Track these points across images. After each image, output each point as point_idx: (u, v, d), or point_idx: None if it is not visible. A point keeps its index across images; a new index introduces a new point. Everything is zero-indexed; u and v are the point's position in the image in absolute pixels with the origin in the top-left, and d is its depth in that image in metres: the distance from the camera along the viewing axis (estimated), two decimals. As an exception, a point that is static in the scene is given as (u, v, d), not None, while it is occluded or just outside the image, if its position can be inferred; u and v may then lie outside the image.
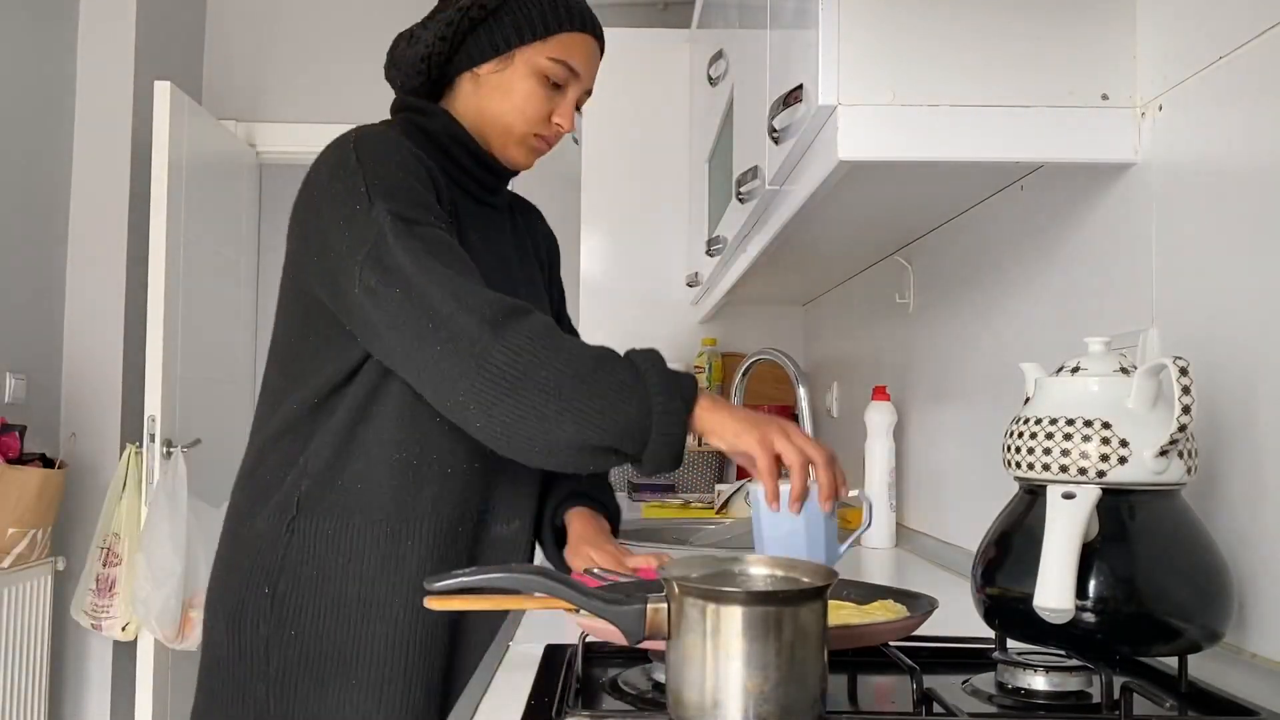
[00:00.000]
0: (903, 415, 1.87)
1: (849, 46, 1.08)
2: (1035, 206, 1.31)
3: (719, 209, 2.12)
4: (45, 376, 3.18)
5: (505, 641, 1.04)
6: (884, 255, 2.00)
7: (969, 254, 1.56)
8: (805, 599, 0.68)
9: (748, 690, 0.66)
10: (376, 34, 3.89)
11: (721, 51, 2.13)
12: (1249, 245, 0.89)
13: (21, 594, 2.79)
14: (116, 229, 3.30)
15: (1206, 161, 0.96)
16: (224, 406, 3.55)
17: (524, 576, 0.79)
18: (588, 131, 3.02)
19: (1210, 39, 0.95)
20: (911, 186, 1.40)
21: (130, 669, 3.20)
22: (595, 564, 1.26)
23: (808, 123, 1.16)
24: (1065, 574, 0.75)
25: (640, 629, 0.74)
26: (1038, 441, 0.82)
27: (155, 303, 3.05)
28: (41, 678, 2.89)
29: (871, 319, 2.17)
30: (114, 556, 3.00)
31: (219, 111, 3.82)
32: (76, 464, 3.18)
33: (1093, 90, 1.08)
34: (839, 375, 2.52)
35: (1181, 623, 0.78)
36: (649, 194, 3.00)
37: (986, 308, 1.49)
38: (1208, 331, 0.95)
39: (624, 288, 3.00)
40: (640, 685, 0.83)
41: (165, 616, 2.90)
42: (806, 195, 1.30)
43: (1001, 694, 0.82)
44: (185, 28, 3.72)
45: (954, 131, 1.08)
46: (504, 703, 0.83)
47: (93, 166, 3.30)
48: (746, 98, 1.75)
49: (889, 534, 1.79)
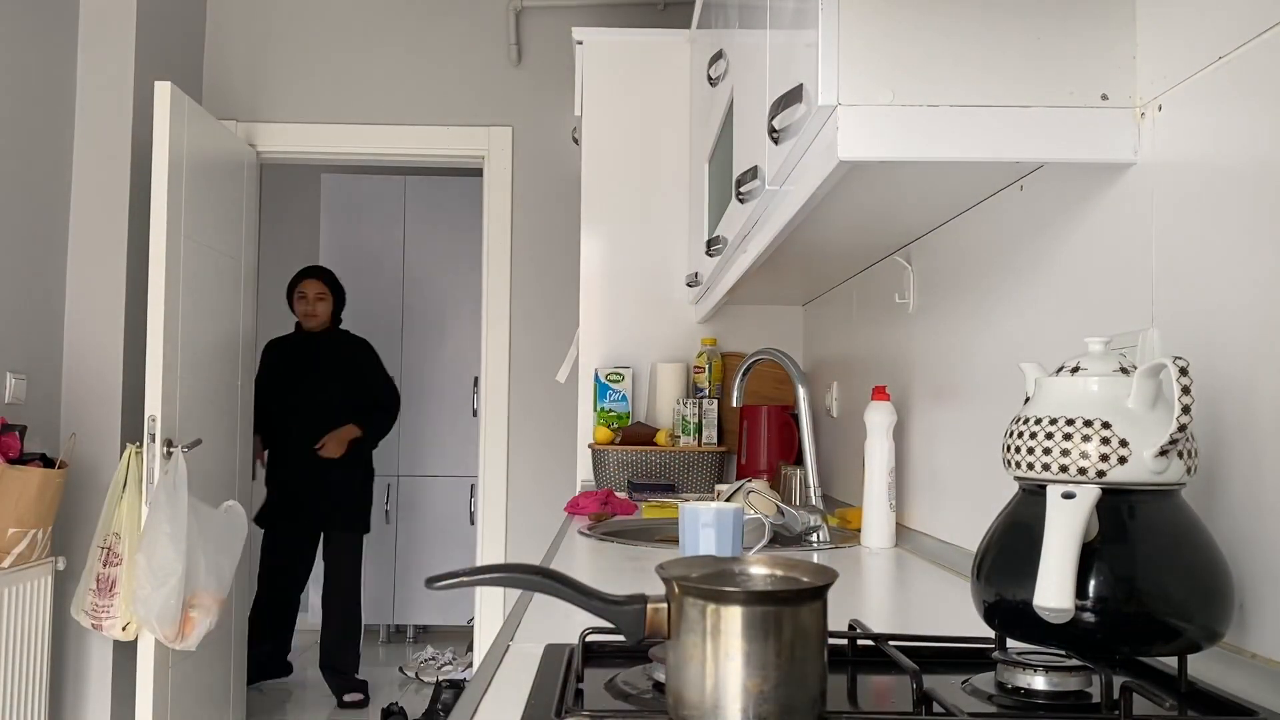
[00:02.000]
0: (903, 415, 1.87)
1: (849, 46, 1.08)
2: (1035, 206, 1.31)
3: (719, 209, 2.12)
4: (45, 376, 3.18)
5: (505, 641, 1.04)
6: (884, 255, 2.00)
7: (969, 254, 1.56)
8: (805, 599, 0.68)
9: (748, 690, 0.66)
10: (376, 34, 3.90)
11: (721, 51, 2.13)
12: (1249, 245, 0.89)
13: (21, 594, 2.79)
14: (116, 229, 3.30)
15: (1206, 161, 0.96)
16: (224, 407, 3.56)
17: (524, 576, 0.79)
18: (588, 131, 3.02)
19: (1210, 39, 0.95)
20: (911, 186, 1.41)
21: (130, 669, 3.19)
22: None
23: (808, 123, 1.16)
24: (1065, 574, 0.75)
25: (640, 629, 0.74)
26: (1038, 441, 0.82)
27: (155, 303, 3.05)
28: (41, 678, 2.89)
29: (871, 319, 2.17)
30: (114, 556, 2.99)
31: (219, 111, 3.82)
32: (76, 464, 3.18)
33: (1093, 90, 1.08)
34: (839, 375, 2.52)
35: (1181, 622, 0.78)
36: (649, 194, 3.00)
37: (986, 308, 1.49)
38: (1208, 331, 0.95)
39: (624, 288, 3.00)
40: (640, 685, 0.83)
41: (165, 616, 2.89)
42: (806, 195, 1.30)
43: (1001, 694, 0.82)
44: (185, 28, 3.72)
45: (954, 131, 1.08)
46: (504, 703, 0.83)
47: (93, 166, 3.30)
48: (746, 98, 1.75)
49: (889, 534, 1.79)
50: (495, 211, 3.86)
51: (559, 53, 3.90)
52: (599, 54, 3.02)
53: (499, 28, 3.90)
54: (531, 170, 3.88)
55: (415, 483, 5.27)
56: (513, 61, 3.89)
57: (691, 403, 2.81)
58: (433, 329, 5.31)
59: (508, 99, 3.90)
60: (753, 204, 1.62)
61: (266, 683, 4.31)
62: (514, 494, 3.85)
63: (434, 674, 4.44)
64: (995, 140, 1.08)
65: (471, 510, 5.17)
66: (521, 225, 3.87)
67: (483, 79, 3.89)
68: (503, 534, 3.84)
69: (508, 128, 3.87)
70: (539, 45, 3.91)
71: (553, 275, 3.87)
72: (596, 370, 2.93)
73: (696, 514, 1.52)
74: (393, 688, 4.42)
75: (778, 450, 2.73)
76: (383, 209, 5.31)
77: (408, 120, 3.87)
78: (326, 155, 3.92)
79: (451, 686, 3.90)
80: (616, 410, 2.90)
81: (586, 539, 1.86)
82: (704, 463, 2.75)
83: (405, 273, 5.31)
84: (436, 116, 3.88)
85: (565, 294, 3.83)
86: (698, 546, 1.51)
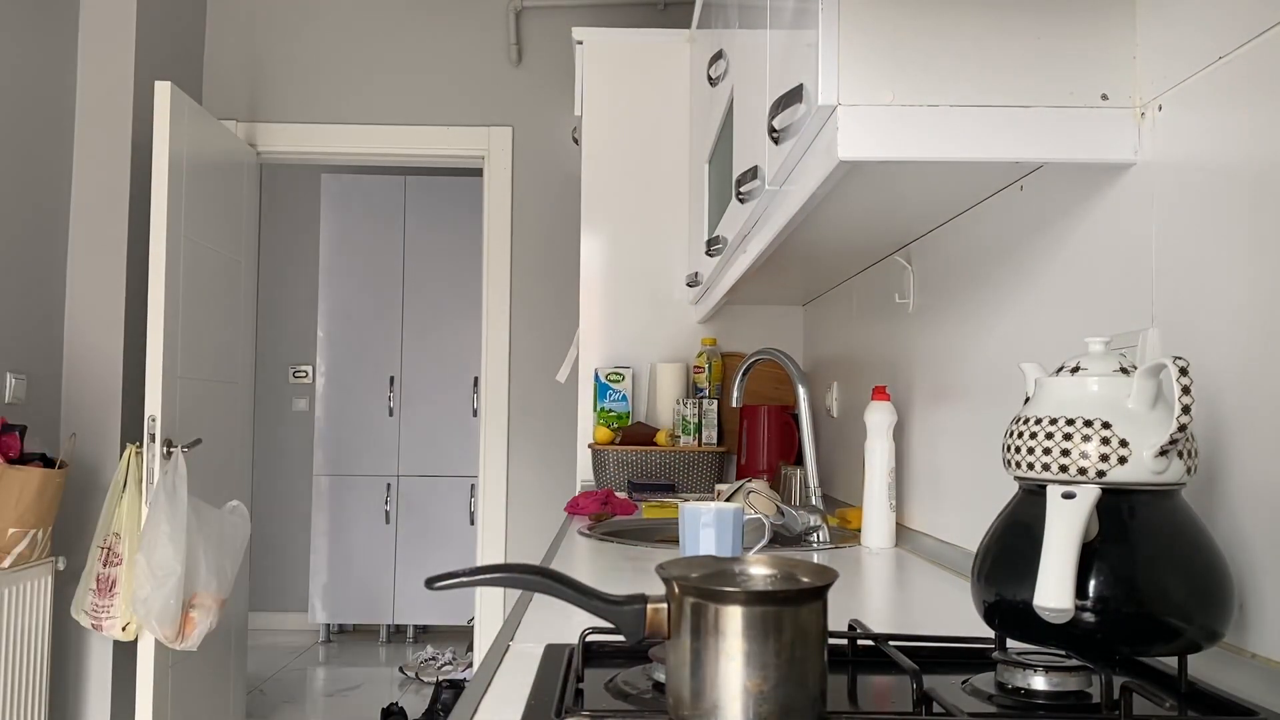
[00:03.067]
0: (903, 415, 1.87)
1: (849, 46, 1.08)
2: (1035, 206, 1.31)
3: (719, 209, 2.12)
4: (45, 376, 3.18)
5: (505, 641, 1.04)
6: (884, 255, 2.00)
7: (969, 254, 1.56)
8: (805, 599, 0.68)
9: (748, 690, 0.66)
10: (376, 34, 3.90)
11: (721, 51, 2.13)
12: (1249, 245, 0.89)
13: (21, 594, 2.79)
14: (116, 229, 3.30)
15: (1206, 161, 0.96)
16: (224, 406, 3.55)
17: (524, 576, 0.79)
18: (588, 131, 3.02)
19: (1210, 39, 0.95)
20: (911, 186, 1.40)
21: (130, 669, 3.20)
22: None
23: (808, 123, 1.16)
24: (1065, 574, 0.75)
25: (640, 629, 0.74)
26: (1038, 441, 0.82)
27: (155, 303, 3.05)
28: (41, 678, 2.89)
29: (871, 319, 2.17)
30: (114, 556, 3.00)
31: (219, 111, 3.82)
32: (77, 464, 3.18)
33: (1093, 90, 1.08)
34: (839, 375, 2.52)
35: (1181, 623, 0.78)
36: (649, 194, 3.00)
37: (986, 308, 1.49)
38: (1208, 331, 0.95)
39: (624, 288, 3.00)
40: (640, 685, 0.83)
41: (165, 616, 2.89)
42: (806, 195, 1.29)
43: (1001, 694, 0.82)
44: (185, 28, 3.72)
45: (954, 131, 1.08)
46: (504, 703, 0.83)
47: (93, 166, 3.30)
48: (746, 98, 1.75)
49: (889, 534, 1.79)
50: (495, 211, 3.86)
51: (559, 53, 3.90)
52: (599, 54, 3.02)
53: (499, 28, 3.90)
54: (531, 170, 3.88)
55: (415, 483, 5.27)
56: (513, 61, 3.89)
57: (691, 403, 2.81)
58: (432, 329, 5.31)
59: (508, 99, 3.90)
60: (753, 204, 1.62)
61: (266, 682, 4.31)
62: (514, 494, 3.85)
63: (434, 674, 4.44)
64: (995, 140, 1.08)
65: (471, 510, 5.18)
66: (521, 225, 3.87)
67: (483, 79, 3.89)
68: (503, 534, 3.84)
69: (508, 128, 3.87)
70: (539, 45, 3.91)
71: (553, 275, 3.87)
72: (596, 370, 2.93)
73: (697, 513, 1.52)
74: (393, 688, 4.42)
75: (778, 450, 2.73)
76: (383, 209, 5.31)
77: (408, 120, 3.87)
78: (326, 155, 3.92)
79: (451, 686, 3.90)
80: (616, 410, 2.90)
81: (586, 539, 1.86)
82: (704, 463, 2.75)
83: (405, 273, 5.31)
84: (436, 116, 3.88)
85: (565, 294, 3.83)
86: (698, 546, 1.51)
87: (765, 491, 2.08)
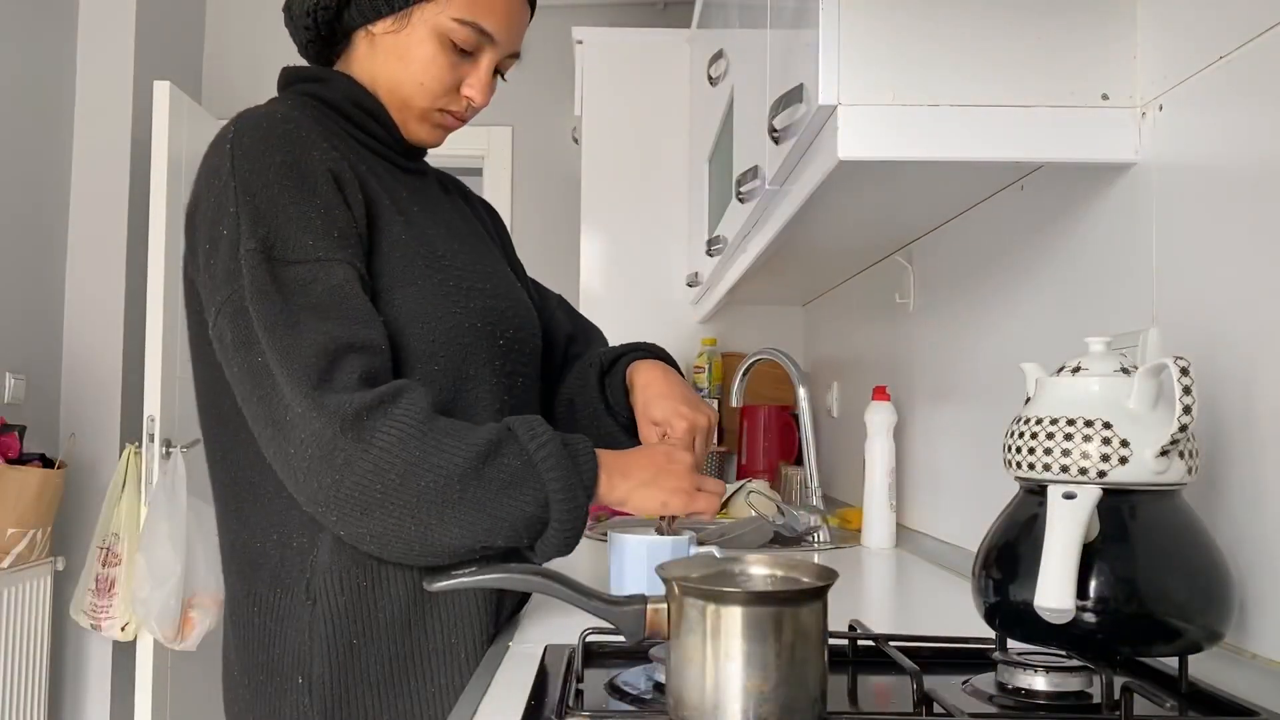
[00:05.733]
0: (903, 415, 1.87)
1: (849, 46, 1.07)
2: (1035, 206, 1.31)
3: (719, 209, 2.12)
4: (45, 376, 3.17)
5: (505, 641, 1.04)
6: (884, 255, 2.00)
7: (969, 254, 1.56)
8: (805, 599, 0.68)
9: (748, 690, 0.66)
10: (376, 34, 3.90)
11: (721, 51, 2.13)
12: (1249, 245, 0.89)
13: (21, 594, 2.78)
14: (116, 229, 3.30)
15: (1206, 161, 0.96)
16: (224, 406, 3.55)
17: (524, 577, 0.79)
18: (587, 131, 3.02)
19: (1210, 39, 0.95)
20: (911, 186, 1.40)
21: (130, 669, 3.19)
22: (684, 418, 1.14)
23: (808, 123, 1.16)
24: (1066, 574, 0.75)
25: (640, 629, 0.74)
26: (1038, 441, 0.82)
27: (155, 303, 3.05)
28: (41, 678, 2.89)
29: (871, 319, 2.17)
30: (114, 556, 2.99)
31: (219, 111, 3.81)
32: (76, 464, 3.17)
33: (1093, 90, 1.07)
34: (839, 375, 2.52)
35: (1182, 623, 0.78)
36: (649, 194, 3.00)
37: (986, 308, 1.49)
38: (1208, 331, 0.94)
39: (624, 288, 3.00)
40: (640, 685, 0.83)
41: (165, 616, 2.89)
42: (806, 195, 1.29)
43: (1002, 694, 0.82)
44: (185, 28, 3.71)
45: (954, 131, 1.08)
46: (504, 703, 0.83)
47: (93, 166, 3.30)
48: (746, 98, 1.75)
49: (889, 534, 1.79)
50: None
51: (559, 53, 3.89)
52: (599, 54, 3.02)
53: (499, 28, 3.90)
54: (531, 170, 3.88)
55: (415, 483, 5.26)
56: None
57: (691, 403, 2.80)
58: (432, 329, 5.30)
59: (508, 99, 3.89)
60: (753, 204, 1.61)
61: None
62: (514, 494, 3.84)
63: (434, 674, 4.43)
64: (995, 140, 1.08)
65: (471, 510, 5.17)
66: (521, 225, 3.87)
67: (482, 79, 3.89)
68: (502, 534, 3.83)
69: (508, 128, 3.87)
70: (539, 45, 3.91)
71: (553, 275, 3.83)
72: (596, 370, 2.92)
73: (637, 547, 1.23)
74: (392, 688, 4.41)
75: (778, 450, 2.73)
76: (382, 209, 5.30)
77: (407, 120, 3.86)
78: (326, 155, 3.91)
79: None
80: (616, 410, 2.89)
81: (587, 539, 1.86)
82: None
83: (405, 273, 5.30)
84: (436, 116, 3.87)
85: (565, 293, 3.79)
86: (623, 582, 1.22)
87: (765, 492, 2.09)
